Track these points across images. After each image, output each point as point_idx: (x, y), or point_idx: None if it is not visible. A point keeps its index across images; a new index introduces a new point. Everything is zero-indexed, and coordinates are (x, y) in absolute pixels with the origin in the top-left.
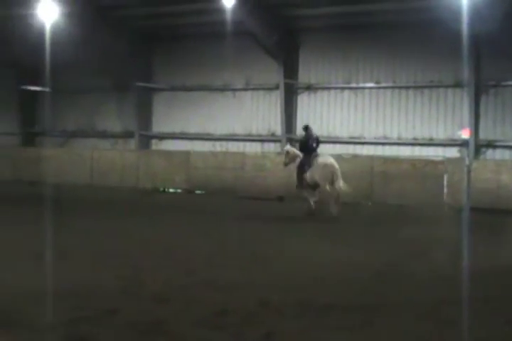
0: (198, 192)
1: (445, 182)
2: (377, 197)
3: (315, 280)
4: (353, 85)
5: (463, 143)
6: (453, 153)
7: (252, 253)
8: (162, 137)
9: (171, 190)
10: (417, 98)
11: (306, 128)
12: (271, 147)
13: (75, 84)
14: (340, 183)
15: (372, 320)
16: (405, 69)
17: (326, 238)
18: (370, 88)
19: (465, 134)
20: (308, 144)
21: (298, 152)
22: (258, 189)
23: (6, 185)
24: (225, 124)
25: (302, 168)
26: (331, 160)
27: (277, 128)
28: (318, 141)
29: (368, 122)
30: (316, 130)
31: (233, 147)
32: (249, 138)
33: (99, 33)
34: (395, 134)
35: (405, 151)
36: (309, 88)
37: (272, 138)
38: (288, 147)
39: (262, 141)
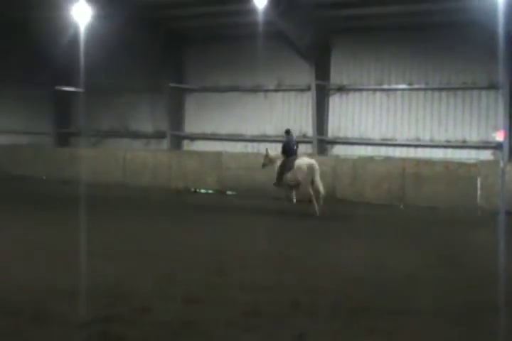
0: (229, 192)
1: (478, 185)
2: (409, 199)
3: (346, 282)
4: (385, 87)
5: (497, 146)
6: (486, 155)
7: (283, 254)
8: (194, 138)
9: (203, 191)
10: (450, 100)
11: (288, 132)
12: (302, 148)
13: (108, 84)
14: (319, 183)
15: (404, 323)
16: (438, 70)
17: (358, 240)
18: (403, 90)
19: (499, 137)
20: (290, 146)
21: (277, 155)
22: None
23: (41, 184)
24: (257, 125)
25: (283, 169)
26: (312, 162)
27: (308, 129)
28: (297, 145)
29: (400, 124)
30: (348, 131)
31: (264, 148)
32: (280, 140)
33: (133, 35)
34: (427, 136)
35: (438, 153)
36: (341, 89)
37: (303, 140)
38: (268, 151)
39: None
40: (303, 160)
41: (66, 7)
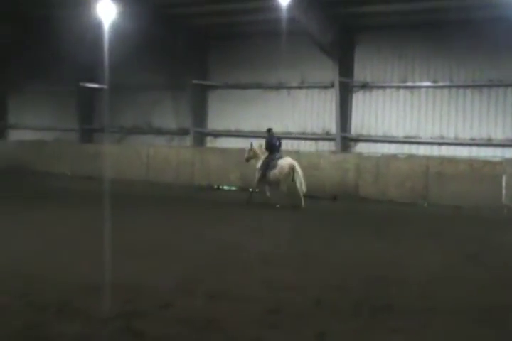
0: (250, 190)
1: (503, 184)
2: (433, 197)
3: (369, 281)
4: (409, 84)
5: None
6: None
7: (305, 252)
8: (217, 134)
9: (225, 188)
10: (475, 97)
11: (269, 131)
12: (325, 146)
13: (131, 81)
14: (302, 181)
15: (427, 323)
16: (463, 67)
17: (382, 238)
18: (427, 87)
19: None
20: (273, 143)
21: (261, 150)
22: (312, 187)
23: (66, 180)
24: (280, 122)
25: (266, 166)
26: (294, 163)
27: (332, 126)
28: (280, 142)
29: (424, 122)
30: (371, 129)
31: (287, 145)
32: (303, 137)
33: (156, 32)
34: (451, 134)
35: (462, 151)
36: (365, 86)
37: (326, 137)
38: (254, 144)
39: (316, 139)
40: (285, 161)
41: (91, 5)
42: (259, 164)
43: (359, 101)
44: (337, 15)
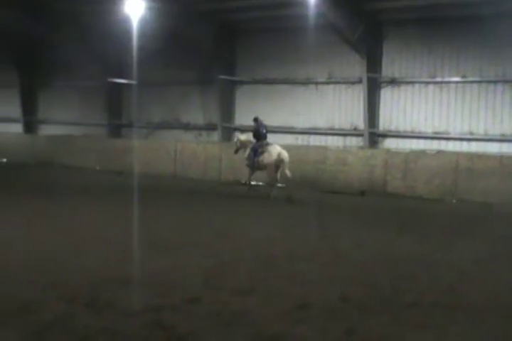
0: (279, 185)
1: None
2: (462, 194)
3: (397, 277)
4: (438, 79)
5: None
6: None
7: (332, 247)
8: (244, 130)
9: (253, 183)
10: (505, 92)
11: (255, 119)
12: (353, 141)
13: (159, 77)
14: (286, 170)
15: (456, 319)
16: (493, 62)
17: (410, 234)
18: (456, 82)
19: None
20: (260, 131)
21: (248, 139)
22: (340, 183)
23: (95, 174)
24: (307, 118)
25: (255, 152)
26: (282, 150)
27: (360, 122)
28: (266, 129)
29: (453, 117)
30: (400, 124)
31: (315, 141)
32: (331, 132)
33: (185, 27)
34: (481, 130)
35: (492, 147)
36: (393, 82)
37: (354, 133)
38: (240, 135)
39: (344, 135)
40: (275, 148)
41: (120, 0)
42: (246, 153)
43: (387, 96)
44: (365, 10)
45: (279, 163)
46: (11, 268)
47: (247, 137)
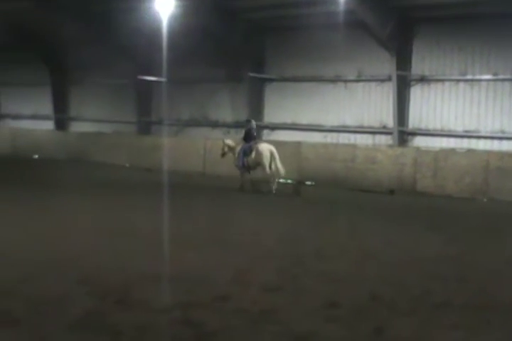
0: (307, 183)
1: None
2: (493, 193)
3: (427, 277)
4: (469, 77)
5: None
6: None
7: (361, 246)
8: (273, 127)
9: (281, 181)
10: None
11: (249, 121)
12: (382, 139)
13: (189, 74)
14: (279, 165)
15: (486, 320)
16: None
17: (440, 233)
18: (487, 80)
19: None
20: (251, 133)
21: (235, 142)
22: (369, 181)
23: (124, 171)
24: (336, 116)
25: (245, 152)
26: (271, 147)
27: (389, 120)
28: (256, 131)
29: (484, 116)
30: (429, 123)
31: (344, 139)
32: (360, 130)
33: (214, 24)
34: None
35: None
36: (423, 80)
37: (383, 131)
38: (226, 140)
39: (373, 133)
40: (263, 146)
41: None
42: (236, 155)
43: (417, 94)
44: (395, 8)
45: (271, 159)
46: (44, 265)
47: (234, 141)
